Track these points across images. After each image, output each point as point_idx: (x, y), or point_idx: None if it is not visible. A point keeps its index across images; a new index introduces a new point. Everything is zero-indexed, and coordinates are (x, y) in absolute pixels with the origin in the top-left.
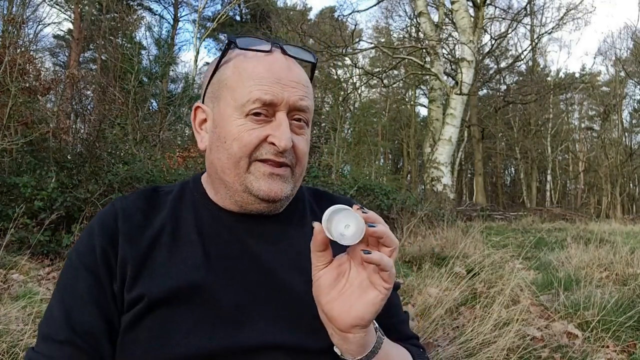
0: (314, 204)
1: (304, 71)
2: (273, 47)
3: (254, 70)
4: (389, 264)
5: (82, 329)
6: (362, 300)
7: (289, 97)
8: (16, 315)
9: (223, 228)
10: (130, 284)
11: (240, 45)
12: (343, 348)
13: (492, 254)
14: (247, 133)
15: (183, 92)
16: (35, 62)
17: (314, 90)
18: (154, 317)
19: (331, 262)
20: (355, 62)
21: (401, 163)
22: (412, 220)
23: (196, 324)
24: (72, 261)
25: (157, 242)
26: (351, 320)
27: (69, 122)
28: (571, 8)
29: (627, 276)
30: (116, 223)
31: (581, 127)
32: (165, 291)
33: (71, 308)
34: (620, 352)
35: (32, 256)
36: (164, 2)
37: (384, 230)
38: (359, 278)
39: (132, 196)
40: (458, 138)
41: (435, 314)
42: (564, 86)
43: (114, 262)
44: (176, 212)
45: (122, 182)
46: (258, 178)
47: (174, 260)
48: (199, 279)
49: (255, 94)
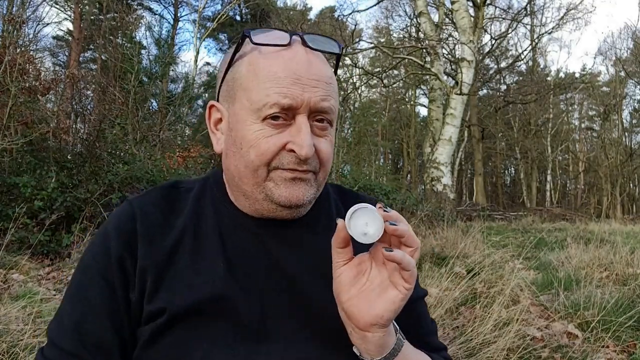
0: (339, 202)
1: (327, 64)
2: (292, 39)
3: (271, 69)
4: (410, 264)
5: (92, 342)
6: (382, 299)
7: (310, 99)
8: (16, 315)
9: (245, 233)
10: (151, 295)
11: (255, 40)
12: (362, 348)
13: (492, 254)
14: (265, 140)
15: (183, 92)
16: (35, 62)
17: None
18: (174, 332)
19: (352, 260)
20: (355, 62)
21: (401, 163)
22: (412, 220)
23: (218, 339)
24: (85, 264)
25: (179, 247)
26: (370, 318)
27: (69, 122)
28: (571, 8)
29: (627, 276)
30: (134, 225)
31: (581, 127)
32: (187, 304)
33: (82, 317)
34: (620, 352)
35: (32, 256)
36: (164, 2)
37: (405, 230)
38: (380, 277)
39: (150, 194)
40: (458, 138)
41: (436, 314)
42: (564, 86)
43: (131, 269)
44: (198, 214)
45: (122, 182)
46: (278, 184)
47: (196, 269)
48: (221, 290)
49: (272, 98)
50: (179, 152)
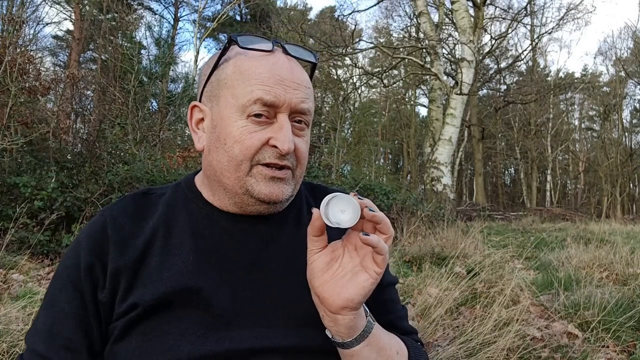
0: (310, 198)
1: (305, 72)
2: (275, 47)
3: (256, 70)
4: (384, 248)
5: (60, 344)
6: (353, 283)
7: (291, 99)
8: (16, 315)
9: (217, 229)
10: (124, 295)
11: (241, 44)
12: (333, 330)
13: (492, 254)
14: (249, 136)
15: (183, 92)
16: (35, 62)
17: (314, 90)
18: (145, 324)
19: (326, 247)
20: (355, 62)
21: (401, 163)
22: (412, 220)
23: (188, 329)
24: (58, 274)
25: (150, 248)
26: (341, 301)
27: (69, 122)
28: (571, 8)
29: (627, 276)
30: (105, 233)
31: (581, 127)
32: (158, 297)
33: (53, 321)
34: (620, 352)
35: (32, 256)
36: (164, 2)
37: (383, 217)
38: (352, 263)
39: (121, 202)
40: (458, 138)
41: (435, 314)
42: (564, 86)
43: (101, 274)
44: (168, 215)
45: (122, 182)
46: (259, 181)
47: (167, 265)
48: (191, 282)
49: (256, 94)
50: (179, 152)
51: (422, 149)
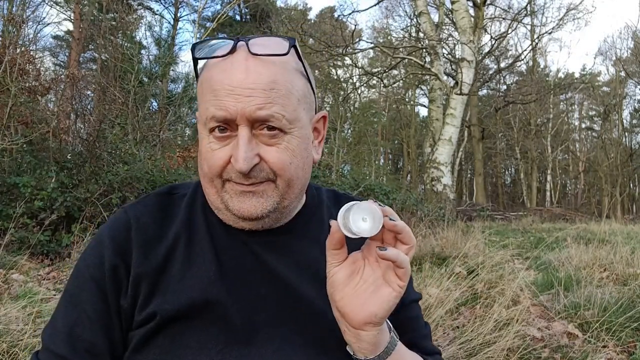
0: (332, 208)
1: (271, 70)
2: (238, 45)
3: (210, 82)
4: (405, 261)
5: (83, 347)
6: (375, 297)
7: (244, 109)
8: (16, 315)
9: (236, 240)
10: (144, 303)
11: (197, 54)
12: (355, 346)
13: (492, 254)
14: (212, 154)
15: (183, 92)
16: (35, 62)
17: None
18: (164, 335)
19: (346, 260)
20: (355, 62)
21: (401, 163)
22: (412, 220)
23: (207, 341)
24: (79, 271)
25: (172, 255)
26: (364, 316)
27: (69, 122)
28: (571, 8)
29: (627, 276)
30: (129, 234)
31: (581, 127)
32: (178, 308)
33: (74, 322)
34: (621, 352)
35: (32, 256)
36: (164, 2)
37: (404, 226)
38: (373, 275)
39: (145, 202)
40: (458, 138)
41: (436, 314)
42: (564, 86)
43: (124, 277)
44: (190, 221)
45: (122, 182)
46: (232, 197)
47: (188, 275)
48: (212, 294)
49: (210, 111)
50: (179, 152)
51: (422, 149)
